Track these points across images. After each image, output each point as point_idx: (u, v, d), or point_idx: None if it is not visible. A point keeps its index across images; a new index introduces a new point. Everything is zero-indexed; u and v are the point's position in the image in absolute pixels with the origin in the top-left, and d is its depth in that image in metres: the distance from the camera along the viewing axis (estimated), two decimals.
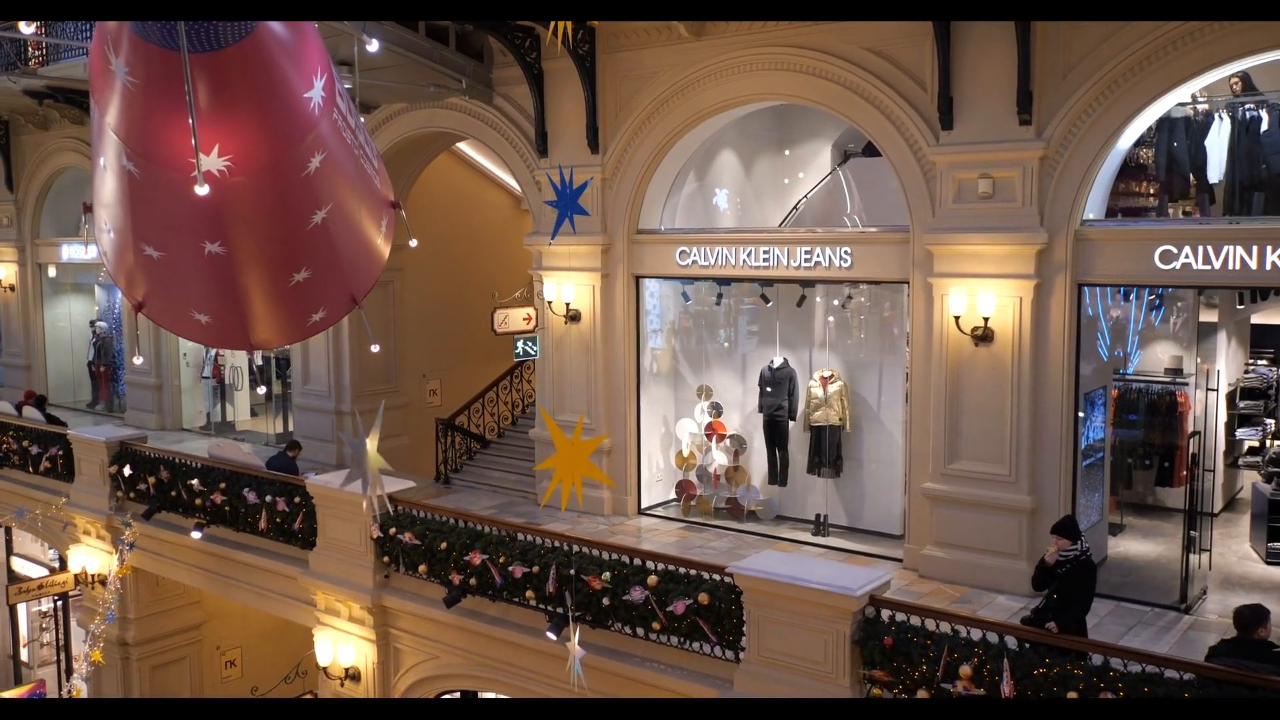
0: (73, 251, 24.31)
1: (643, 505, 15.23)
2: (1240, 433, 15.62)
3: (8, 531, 18.97)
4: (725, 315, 15.80)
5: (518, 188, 19.99)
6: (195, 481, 14.07)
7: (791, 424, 14.64)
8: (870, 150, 16.39)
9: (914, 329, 12.54)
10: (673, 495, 15.59)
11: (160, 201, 3.51)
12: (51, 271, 25.28)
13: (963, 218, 11.88)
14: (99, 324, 24.93)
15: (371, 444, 5.11)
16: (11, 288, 25.50)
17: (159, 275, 3.96)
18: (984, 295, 11.68)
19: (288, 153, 3.41)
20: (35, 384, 25.20)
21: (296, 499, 12.99)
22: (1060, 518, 9.52)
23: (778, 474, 14.80)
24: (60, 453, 16.60)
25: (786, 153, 17.07)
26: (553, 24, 3.60)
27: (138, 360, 21.25)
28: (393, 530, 11.94)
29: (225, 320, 4.09)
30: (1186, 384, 14.48)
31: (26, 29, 4.04)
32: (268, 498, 13.25)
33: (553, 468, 7.63)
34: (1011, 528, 11.78)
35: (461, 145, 19.46)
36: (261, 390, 19.11)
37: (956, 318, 11.82)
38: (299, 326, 4.32)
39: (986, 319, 11.65)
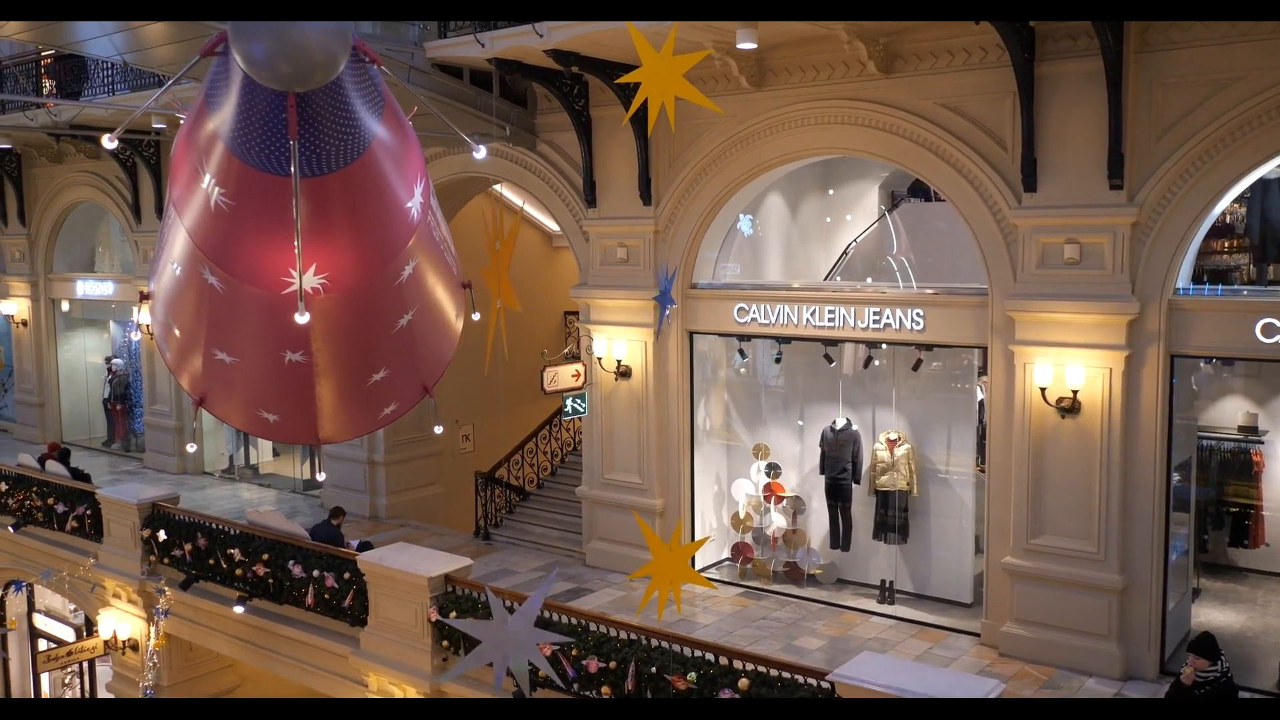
0: (87, 287, 23.78)
1: (697, 568, 14.69)
2: None
3: (30, 588, 18.34)
4: (784, 373, 15.22)
5: (552, 226, 19.54)
6: (236, 551, 13.48)
7: (855, 487, 14.11)
8: (916, 190, 15.94)
9: (992, 396, 12.02)
10: (726, 556, 15.07)
11: (242, 316, 3.38)
12: (65, 306, 24.71)
13: (1047, 284, 11.37)
14: (115, 360, 24.27)
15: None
16: (24, 323, 24.88)
17: (228, 377, 3.81)
18: (1072, 366, 11.17)
19: (385, 267, 3.29)
20: (48, 422, 24.60)
21: (346, 575, 12.41)
22: (1198, 634, 8.99)
23: (840, 538, 14.25)
24: (88, 511, 15.97)
25: (831, 192, 16.58)
26: (636, 101, 3.30)
27: (190, 448, 20.68)
28: (454, 614, 11.39)
29: (294, 419, 3.99)
30: (1261, 442, 14.00)
31: (109, 144, 3.65)
32: (315, 572, 12.67)
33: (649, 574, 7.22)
34: (1100, 608, 11.29)
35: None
36: (322, 476, 18.41)
37: (1042, 389, 11.32)
38: (370, 421, 4.25)
39: (1075, 391, 11.14)
